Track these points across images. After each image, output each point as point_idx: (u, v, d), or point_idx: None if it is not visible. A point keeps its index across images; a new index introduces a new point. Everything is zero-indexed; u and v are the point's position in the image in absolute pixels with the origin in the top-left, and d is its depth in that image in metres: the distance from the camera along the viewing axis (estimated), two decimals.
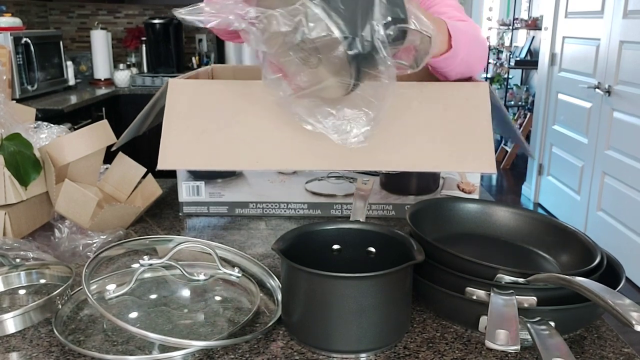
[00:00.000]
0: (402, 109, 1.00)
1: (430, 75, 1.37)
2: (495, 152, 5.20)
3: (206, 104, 1.01)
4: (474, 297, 0.68)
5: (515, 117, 5.24)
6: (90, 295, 0.67)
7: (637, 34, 2.77)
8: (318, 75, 0.78)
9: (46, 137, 1.02)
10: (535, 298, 0.66)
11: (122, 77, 3.40)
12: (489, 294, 0.64)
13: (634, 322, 0.52)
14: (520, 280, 0.66)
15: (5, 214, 0.90)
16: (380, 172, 1.05)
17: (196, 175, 1.07)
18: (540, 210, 3.80)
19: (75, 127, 2.65)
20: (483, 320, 0.66)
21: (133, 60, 3.78)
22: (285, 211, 1.08)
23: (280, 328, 0.69)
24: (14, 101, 1.11)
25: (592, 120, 3.22)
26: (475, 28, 1.06)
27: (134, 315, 0.69)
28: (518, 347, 0.53)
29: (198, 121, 1.00)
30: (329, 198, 1.07)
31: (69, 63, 3.26)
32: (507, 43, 5.70)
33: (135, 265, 0.77)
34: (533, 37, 5.26)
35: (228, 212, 1.09)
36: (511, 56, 5.26)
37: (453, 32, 0.96)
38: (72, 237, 0.92)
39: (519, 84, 5.52)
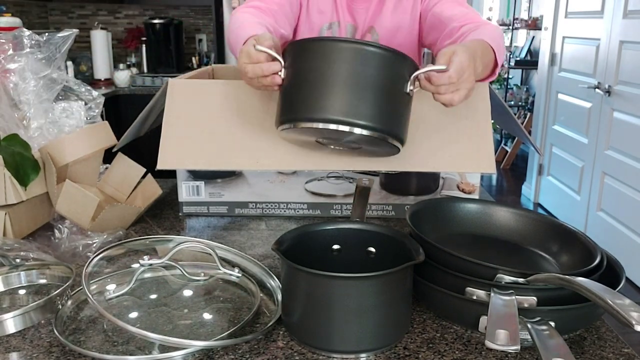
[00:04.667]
0: None
1: None
2: (495, 152, 5.20)
3: (206, 104, 1.01)
4: (474, 298, 0.68)
5: (516, 118, 5.23)
6: (90, 295, 0.67)
7: (637, 34, 2.77)
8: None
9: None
10: (535, 298, 0.66)
11: (122, 77, 3.40)
12: (489, 294, 0.64)
13: (634, 322, 0.52)
14: (520, 280, 0.66)
15: (6, 214, 0.90)
16: (380, 172, 1.05)
17: (196, 175, 1.07)
18: (540, 211, 3.80)
19: None
20: (483, 320, 0.66)
21: (133, 60, 3.78)
22: (285, 211, 1.08)
23: (280, 328, 0.69)
24: None
25: (592, 120, 3.21)
26: (495, 28, 1.00)
27: (134, 315, 0.69)
28: (518, 347, 0.53)
29: (198, 121, 1.00)
30: (328, 198, 1.07)
31: (69, 63, 3.25)
32: (507, 43, 5.70)
33: (135, 265, 0.77)
34: (533, 37, 5.26)
35: (228, 212, 1.09)
36: (511, 56, 5.26)
37: (498, 53, 0.94)
38: (72, 238, 0.92)
39: (519, 84, 5.52)
